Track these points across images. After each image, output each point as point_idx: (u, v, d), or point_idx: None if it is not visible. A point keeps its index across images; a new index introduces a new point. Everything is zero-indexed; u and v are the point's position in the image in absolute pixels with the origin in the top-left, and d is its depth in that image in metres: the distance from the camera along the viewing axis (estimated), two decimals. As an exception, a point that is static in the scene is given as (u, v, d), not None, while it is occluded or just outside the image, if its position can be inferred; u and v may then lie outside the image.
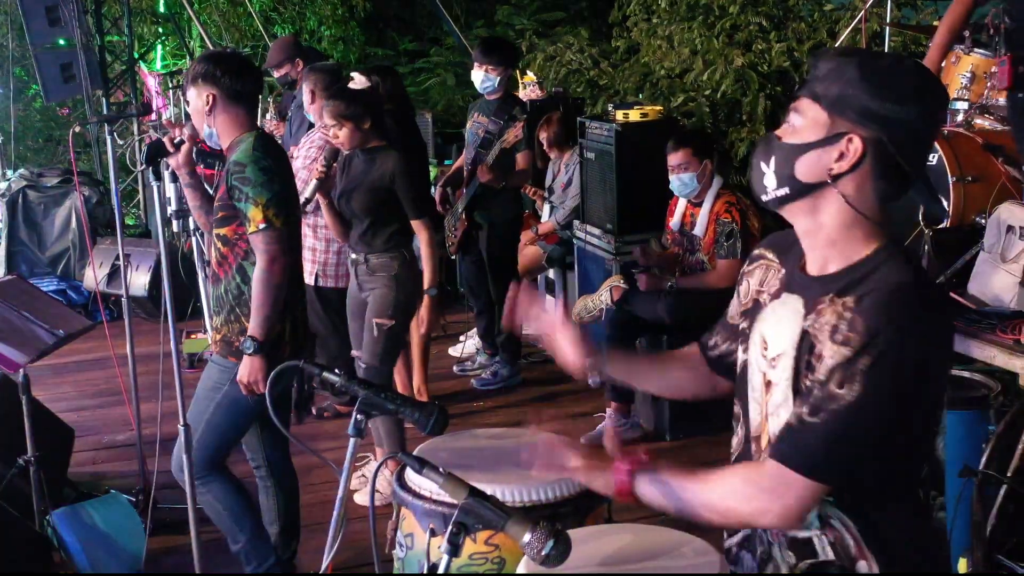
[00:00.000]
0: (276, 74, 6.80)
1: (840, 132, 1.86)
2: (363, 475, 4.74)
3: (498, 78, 6.00)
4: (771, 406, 1.99)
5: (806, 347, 1.90)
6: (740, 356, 2.14)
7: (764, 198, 1.97)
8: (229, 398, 3.58)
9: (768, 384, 1.99)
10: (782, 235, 2.11)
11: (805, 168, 1.89)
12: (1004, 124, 5.24)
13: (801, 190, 1.91)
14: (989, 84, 5.11)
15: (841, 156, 1.86)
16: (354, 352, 4.73)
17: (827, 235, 1.92)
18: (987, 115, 5.28)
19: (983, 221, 4.52)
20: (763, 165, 1.95)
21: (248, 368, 3.50)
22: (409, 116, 5.68)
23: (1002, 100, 5.00)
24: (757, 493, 1.84)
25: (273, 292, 3.50)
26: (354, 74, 4.50)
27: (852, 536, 1.92)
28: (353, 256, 4.62)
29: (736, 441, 2.11)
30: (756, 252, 2.18)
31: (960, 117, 5.36)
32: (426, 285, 4.56)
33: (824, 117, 1.87)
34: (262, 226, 3.46)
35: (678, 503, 1.91)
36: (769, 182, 1.94)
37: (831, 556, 1.94)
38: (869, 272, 1.88)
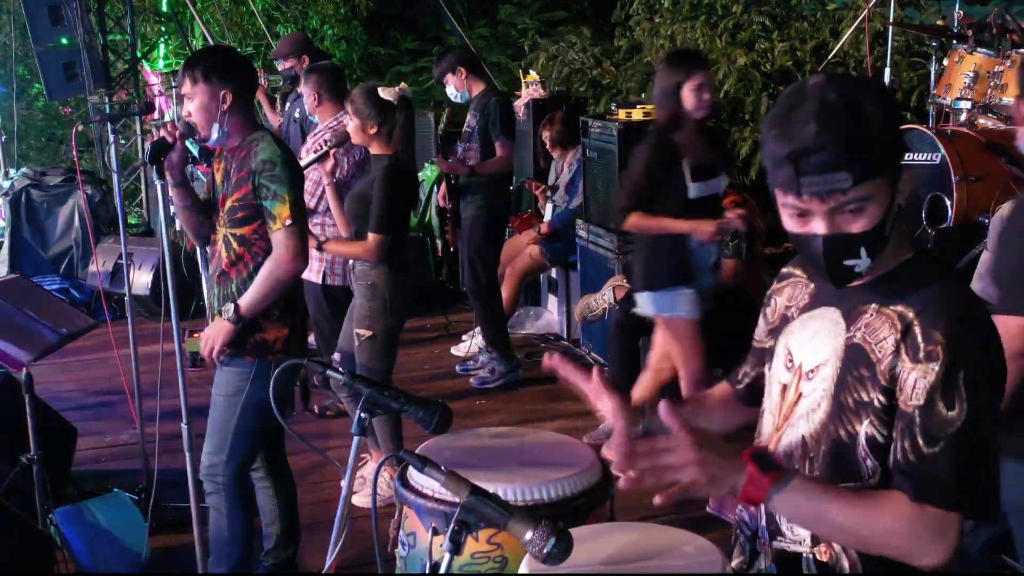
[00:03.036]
0: (281, 66, 6.83)
1: (896, 176, 1.82)
2: (362, 476, 4.75)
3: (454, 83, 6.12)
4: (794, 417, 1.97)
5: (854, 359, 1.87)
6: (767, 373, 2.14)
7: (860, 275, 1.88)
8: (252, 399, 3.55)
9: (797, 396, 1.96)
10: None
11: (890, 223, 1.84)
12: (1007, 123, 5.24)
13: (891, 236, 1.86)
14: (992, 84, 5.11)
15: (903, 190, 1.85)
16: (335, 355, 4.75)
17: None
18: (990, 115, 5.29)
19: (986, 220, 4.52)
20: (852, 260, 1.84)
21: (217, 331, 3.50)
22: (411, 143, 5.71)
23: (1005, 100, 5.01)
24: (922, 534, 1.77)
25: (279, 286, 3.50)
26: (382, 90, 4.52)
27: (849, 559, 1.91)
28: (318, 241, 4.70)
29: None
30: (785, 271, 2.16)
31: (963, 116, 5.36)
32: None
33: (885, 181, 1.81)
34: (288, 223, 3.45)
35: (816, 524, 1.85)
36: (866, 264, 1.85)
37: (815, 573, 1.93)
38: (911, 278, 1.86)
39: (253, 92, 3.64)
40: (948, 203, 4.73)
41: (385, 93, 4.50)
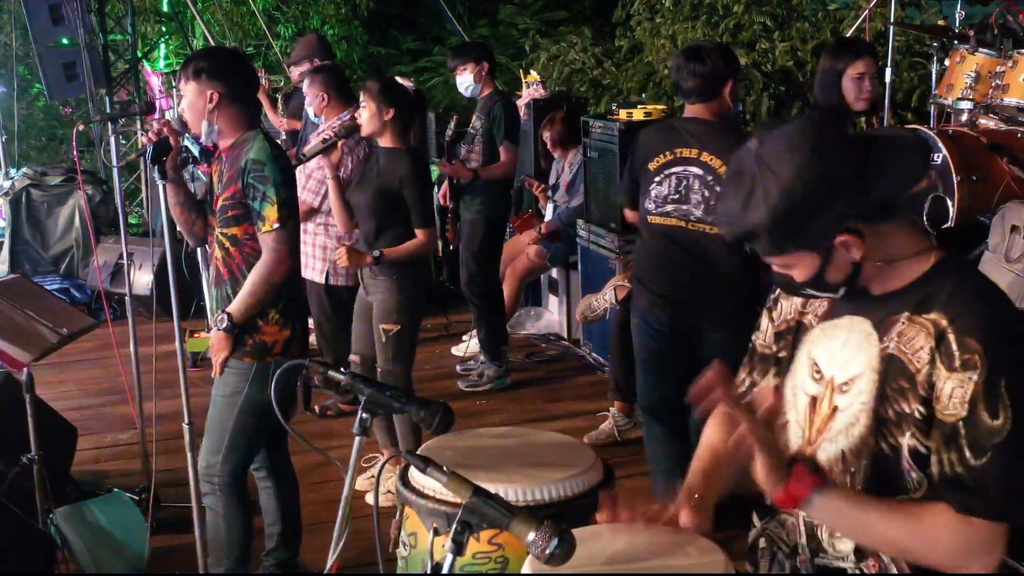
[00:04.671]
0: (296, 71, 6.80)
1: (828, 247, 1.83)
2: (372, 476, 4.75)
3: (471, 75, 6.07)
4: (831, 432, 1.94)
5: (893, 371, 1.85)
6: (771, 380, 2.12)
7: (837, 296, 1.95)
8: (251, 400, 3.55)
9: (832, 409, 1.94)
10: None
11: (835, 275, 1.88)
12: (1008, 124, 5.24)
13: (852, 279, 1.89)
14: (993, 84, 5.11)
15: (848, 250, 1.84)
16: (352, 356, 4.74)
17: (875, 274, 1.90)
18: (992, 115, 5.28)
19: (987, 221, 4.52)
20: (808, 291, 1.95)
21: (216, 342, 3.52)
22: (425, 139, 5.74)
23: (1007, 100, 5.01)
24: (968, 547, 1.76)
25: (268, 290, 3.50)
26: (399, 79, 4.53)
27: (899, 569, 1.89)
28: (373, 255, 4.62)
29: None
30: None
31: (965, 117, 5.36)
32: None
33: (803, 254, 1.85)
34: (276, 225, 3.45)
35: (856, 531, 1.86)
36: (828, 295, 1.94)
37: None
38: (941, 285, 1.84)
39: (248, 93, 3.60)
40: (950, 203, 4.72)
41: (402, 82, 4.50)
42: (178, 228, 3.79)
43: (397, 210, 4.47)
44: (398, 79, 4.53)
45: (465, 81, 6.11)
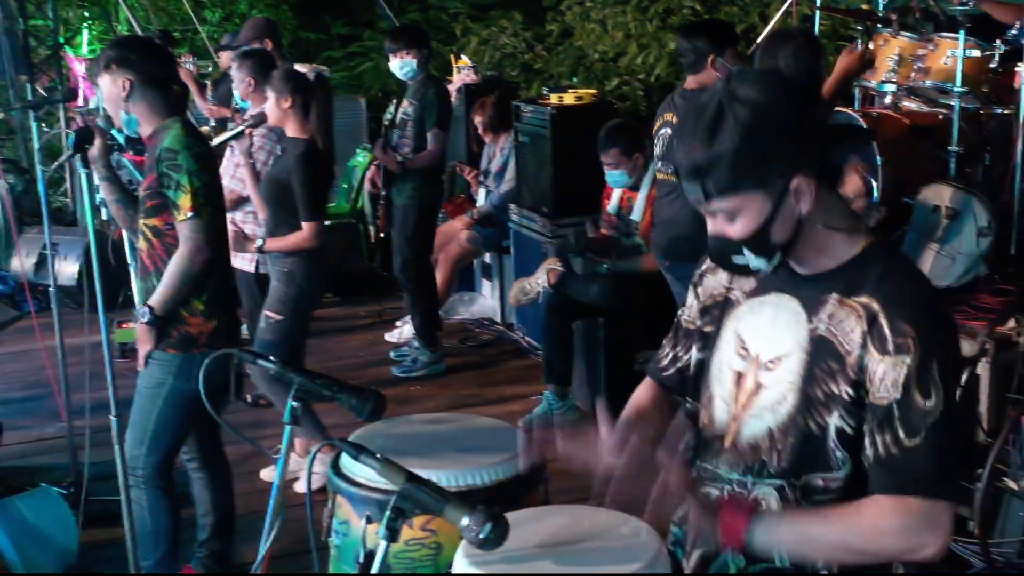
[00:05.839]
0: (226, 56, 6.72)
1: (781, 189, 1.81)
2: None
3: (413, 61, 6.02)
4: (756, 408, 1.96)
5: (822, 352, 1.87)
6: (695, 355, 2.13)
7: (762, 273, 1.93)
8: (175, 392, 3.51)
9: (757, 386, 1.96)
10: None
11: (780, 232, 1.85)
12: (930, 106, 5.33)
13: (791, 242, 1.87)
14: (916, 67, 5.19)
15: (799, 200, 1.83)
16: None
17: (811, 244, 1.89)
18: (914, 97, 5.37)
19: (911, 202, 4.61)
20: (741, 259, 1.89)
21: (140, 335, 3.50)
22: (329, 124, 5.70)
23: (928, 82, 5.09)
24: (912, 526, 1.77)
25: (187, 280, 3.45)
26: (298, 66, 4.51)
27: None
28: (256, 244, 4.66)
29: (689, 438, 2.11)
30: None
31: (888, 99, 5.44)
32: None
33: (756, 194, 1.82)
34: (190, 214, 3.40)
35: (803, 547, 1.85)
36: (760, 264, 1.89)
37: (787, 565, 1.93)
38: (871, 269, 1.86)
39: (161, 80, 3.53)
40: (874, 185, 4.80)
41: (301, 68, 4.49)
42: (104, 217, 3.74)
43: (290, 199, 4.47)
44: (297, 66, 4.53)
45: (404, 66, 6.05)
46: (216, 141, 4.67)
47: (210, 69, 8.05)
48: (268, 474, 4.66)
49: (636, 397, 2.28)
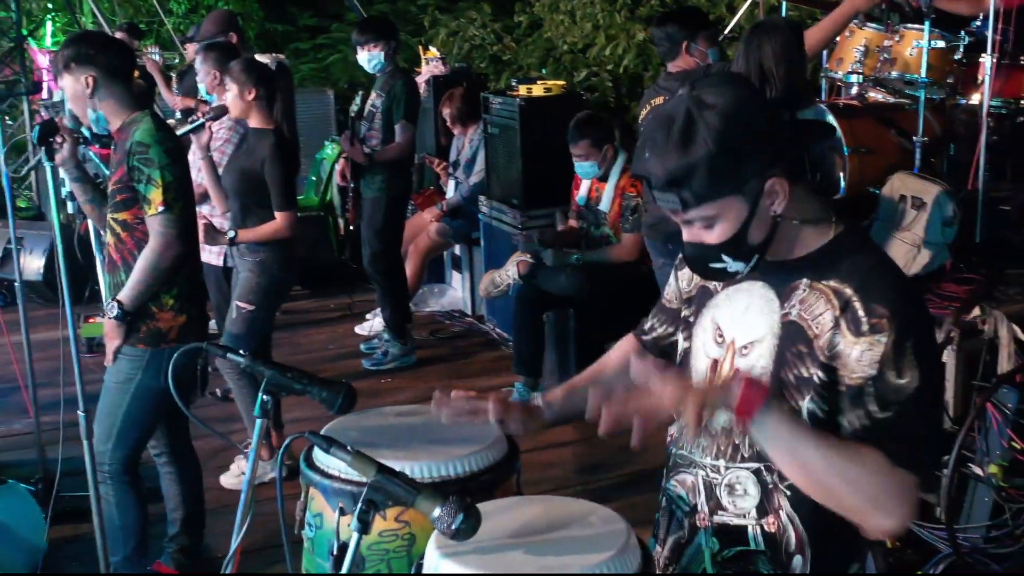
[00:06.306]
0: (192, 48, 6.66)
1: (757, 191, 1.82)
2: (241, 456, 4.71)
3: (381, 53, 6.01)
4: None
5: (792, 336, 1.88)
6: (681, 344, 2.13)
7: (740, 275, 1.93)
8: (143, 387, 3.50)
9: (733, 373, 1.96)
10: None
11: (757, 234, 1.86)
12: (896, 96, 5.38)
13: (767, 242, 1.88)
14: (882, 58, 5.23)
15: (774, 200, 1.84)
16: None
17: (785, 238, 1.91)
18: (880, 88, 5.42)
19: (878, 192, 4.64)
20: (719, 265, 1.89)
21: (108, 330, 3.48)
22: (292, 113, 5.69)
23: (894, 73, 5.14)
24: (890, 489, 1.75)
25: (157, 275, 3.44)
26: (259, 56, 4.49)
27: (796, 531, 1.92)
28: (228, 235, 4.62)
29: (677, 427, 2.12)
30: None
31: (855, 90, 5.48)
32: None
33: (734, 199, 1.82)
34: (161, 209, 3.38)
35: (796, 452, 1.77)
36: (738, 267, 1.89)
37: (762, 547, 1.95)
38: (842, 256, 1.87)
39: (124, 72, 3.50)
40: (840, 175, 4.84)
41: (262, 58, 4.48)
42: (71, 211, 3.71)
43: (260, 191, 4.48)
44: (259, 56, 4.52)
45: (372, 58, 6.04)
46: (178, 130, 4.64)
47: (176, 61, 7.98)
48: (228, 481, 4.62)
49: (615, 349, 2.34)
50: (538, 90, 6.26)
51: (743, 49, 4.07)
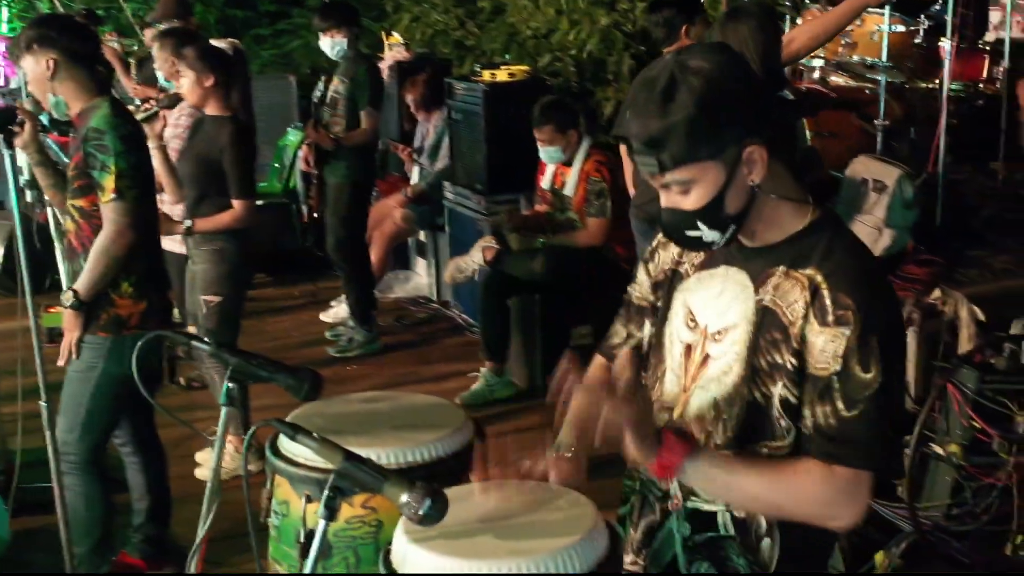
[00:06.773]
0: (150, 33, 6.58)
1: (735, 158, 1.81)
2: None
3: (344, 39, 5.98)
4: (703, 379, 1.97)
5: (767, 322, 1.88)
6: (648, 329, 2.13)
7: (716, 246, 1.92)
8: (107, 376, 3.47)
9: (704, 357, 1.96)
10: None
11: (734, 203, 1.85)
12: (857, 80, 5.42)
13: (743, 213, 1.87)
14: (843, 43, 5.27)
15: (751, 169, 1.84)
16: (190, 327, 4.68)
17: (761, 215, 1.90)
18: (841, 72, 5.46)
19: (840, 175, 4.68)
20: (695, 233, 1.88)
21: (66, 321, 3.44)
22: (249, 100, 5.64)
23: (855, 57, 5.18)
24: (835, 496, 1.80)
25: (110, 263, 3.40)
26: (214, 42, 4.44)
27: (766, 516, 1.94)
28: (184, 225, 4.57)
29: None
30: None
31: (817, 74, 5.53)
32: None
33: (711, 164, 1.81)
34: (113, 196, 3.35)
35: (730, 493, 1.88)
36: (713, 237, 1.88)
37: (732, 532, 1.96)
38: (817, 241, 1.88)
39: (86, 56, 3.45)
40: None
41: (217, 44, 4.43)
42: (30, 199, 3.67)
43: (218, 179, 4.43)
44: (213, 42, 4.47)
45: (335, 45, 6.00)
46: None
47: (135, 47, 7.88)
48: (203, 473, 4.58)
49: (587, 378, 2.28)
50: (502, 75, 6.26)
51: (718, 33, 4.09)
